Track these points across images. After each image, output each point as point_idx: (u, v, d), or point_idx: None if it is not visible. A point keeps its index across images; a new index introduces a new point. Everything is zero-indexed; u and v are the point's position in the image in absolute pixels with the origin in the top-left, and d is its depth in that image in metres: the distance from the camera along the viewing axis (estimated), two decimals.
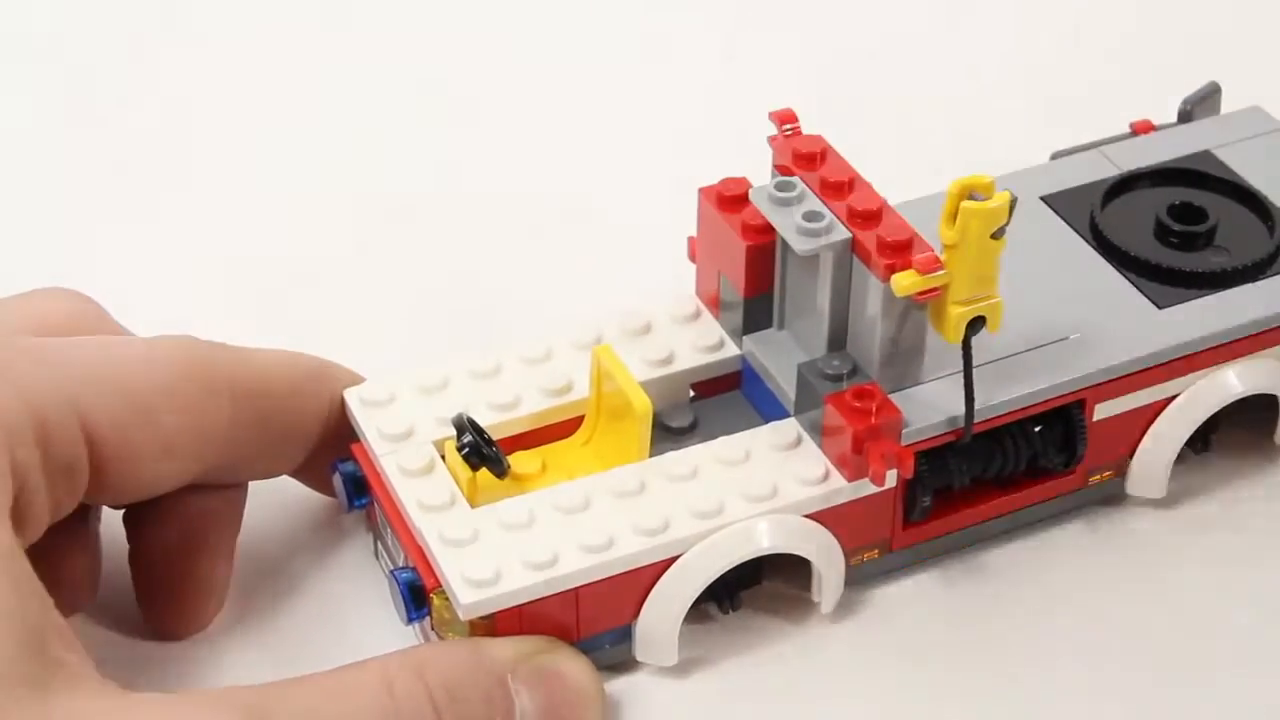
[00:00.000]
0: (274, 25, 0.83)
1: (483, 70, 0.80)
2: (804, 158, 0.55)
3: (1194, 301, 0.58)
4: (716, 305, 0.58)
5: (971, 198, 0.51)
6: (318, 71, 0.80)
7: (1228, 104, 0.66)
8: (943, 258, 0.51)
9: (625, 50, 0.82)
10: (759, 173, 0.57)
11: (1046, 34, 0.83)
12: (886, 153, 0.62)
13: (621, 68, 0.81)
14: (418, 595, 0.52)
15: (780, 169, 0.55)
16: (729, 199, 0.56)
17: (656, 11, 0.84)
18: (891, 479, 0.53)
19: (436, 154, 0.75)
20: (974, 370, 0.53)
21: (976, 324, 0.52)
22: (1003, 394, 0.54)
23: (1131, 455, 0.58)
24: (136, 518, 0.55)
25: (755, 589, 0.56)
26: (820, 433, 0.54)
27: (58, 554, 0.52)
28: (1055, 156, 0.65)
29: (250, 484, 0.56)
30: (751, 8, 0.84)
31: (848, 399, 0.52)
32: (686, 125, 0.56)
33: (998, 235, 0.51)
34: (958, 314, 0.52)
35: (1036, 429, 0.56)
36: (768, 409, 0.56)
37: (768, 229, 0.54)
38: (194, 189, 0.74)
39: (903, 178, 0.58)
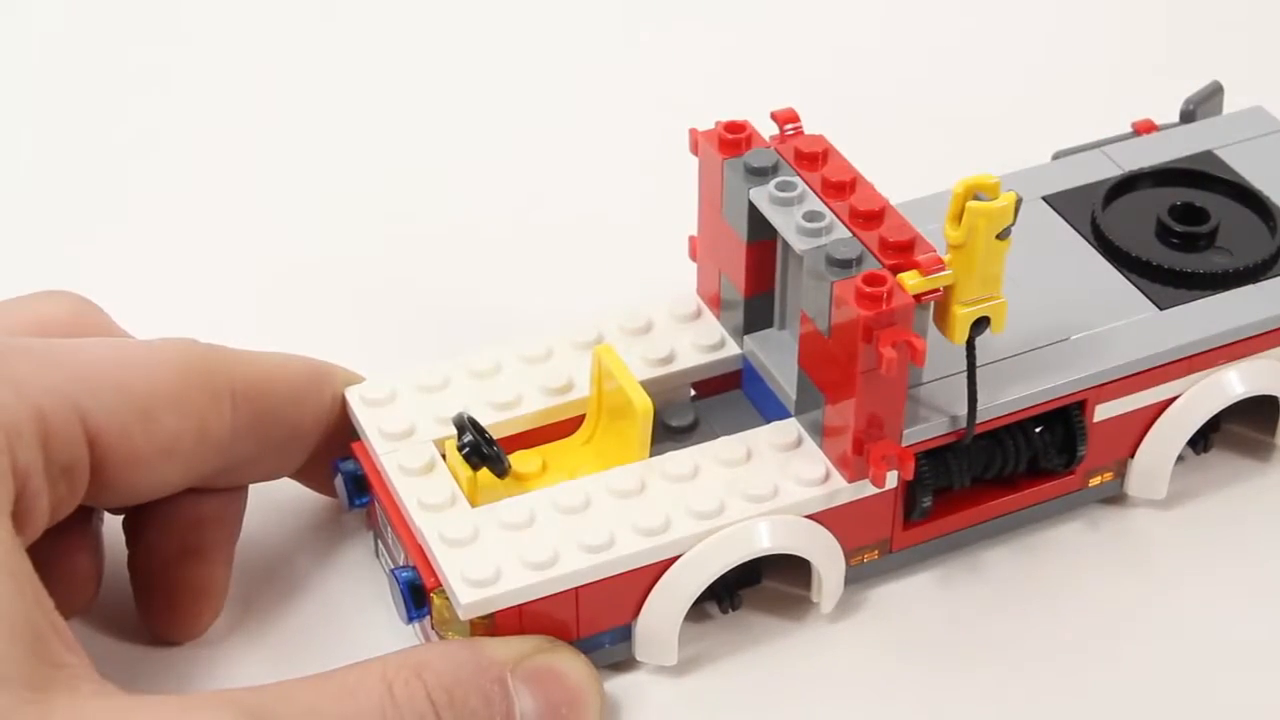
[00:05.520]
0: (274, 27, 0.83)
1: (482, 70, 0.80)
2: (806, 158, 0.55)
3: (1195, 302, 0.58)
4: (717, 304, 0.58)
5: (976, 198, 0.51)
6: (316, 73, 0.81)
7: (1230, 104, 0.66)
8: (947, 258, 0.51)
9: (626, 49, 0.82)
10: None
11: (1048, 32, 0.83)
12: (888, 152, 0.62)
13: (622, 67, 0.81)
14: (418, 594, 0.52)
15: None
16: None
17: (657, 12, 0.84)
18: (892, 480, 0.53)
19: (436, 153, 0.75)
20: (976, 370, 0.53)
21: (981, 325, 0.52)
22: (1003, 395, 0.54)
23: (1132, 456, 0.58)
24: (136, 522, 0.55)
25: (755, 588, 0.56)
26: (821, 433, 0.54)
27: (59, 555, 0.52)
28: (1057, 156, 0.65)
29: (251, 484, 0.56)
30: (753, 7, 0.84)
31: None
32: (687, 124, 0.56)
33: (1003, 236, 0.51)
34: (962, 314, 0.52)
35: (1037, 430, 0.56)
36: (768, 408, 0.56)
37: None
38: (194, 190, 0.74)
39: (905, 177, 0.58)
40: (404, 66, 0.81)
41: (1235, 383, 0.58)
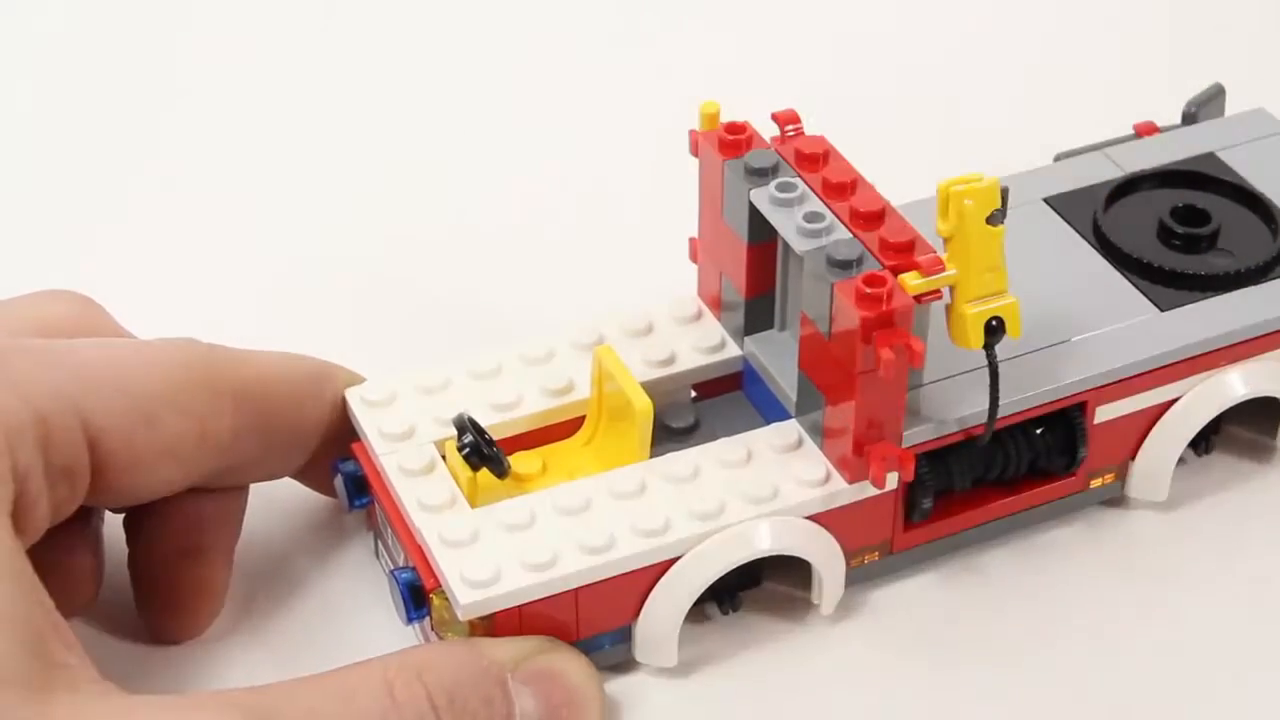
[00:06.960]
0: (276, 27, 0.83)
1: (484, 69, 0.80)
2: (806, 159, 0.55)
3: (1197, 304, 0.58)
4: (718, 306, 0.58)
5: None
6: (317, 72, 0.81)
7: (1232, 106, 0.66)
8: (945, 255, 0.51)
9: (628, 49, 0.82)
10: None
11: (1049, 34, 0.83)
12: (888, 153, 0.62)
13: (624, 67, 0.81)
14: (417, 595, 0.52)
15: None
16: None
17: (659, 11, 0.84)
18: (892, 481, 0.53)
19: (437, 153, 0.75)
20: (974, 372, 0.53)
21: (997, 330, 0.52)
22: (1004, 396, 0.54)
23: (1133, 458, 0.58)
24: (136, 521, 0.55)
25: (755, 590, 0.56)
26: (821, 434, 0.54)
27: (60, 555, 0.52)
28: (1059, 158, 0.65)
29: (251, 484, 0.56)
30: (755, 8, 0.84)
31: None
32: (688, 125, 0.56)
33: (994, 221, 0.50)
34: (973, 315, 0.51)
35: (1038, 431, 0.56)
36: (769, 410, 0.56)
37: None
38: (196, 190, 0.74)
39: (905, 179, 0.58)
40: (404, 66, 0.81)
41: (1236, 384, 0.58)
